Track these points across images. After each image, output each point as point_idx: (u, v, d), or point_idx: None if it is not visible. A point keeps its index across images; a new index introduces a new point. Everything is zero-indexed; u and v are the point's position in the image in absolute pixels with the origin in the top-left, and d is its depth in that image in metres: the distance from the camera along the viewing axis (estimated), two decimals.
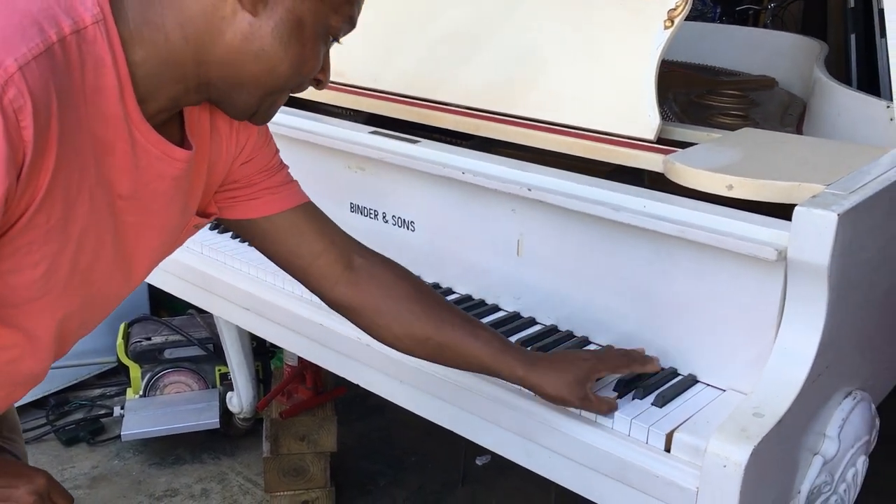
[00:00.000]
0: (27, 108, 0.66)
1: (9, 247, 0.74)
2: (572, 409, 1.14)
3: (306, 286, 1.12)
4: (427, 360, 1.15)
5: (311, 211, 1.09)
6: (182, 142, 0.89)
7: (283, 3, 0.81)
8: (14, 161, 0.67)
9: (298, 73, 0.87)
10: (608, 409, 1.11)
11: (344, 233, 1.12)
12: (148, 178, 0.85)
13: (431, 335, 1.10)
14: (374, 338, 1.12)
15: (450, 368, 1.24)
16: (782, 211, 1.08)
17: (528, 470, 1.21)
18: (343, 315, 1.12)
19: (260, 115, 0.90)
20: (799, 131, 1.70)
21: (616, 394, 1.14)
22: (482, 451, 2.24)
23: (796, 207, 1.01)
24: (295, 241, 1.07)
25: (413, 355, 1.14)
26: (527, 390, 1.13)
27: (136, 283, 0.95)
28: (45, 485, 0.89)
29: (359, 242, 1.14)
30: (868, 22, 2.85)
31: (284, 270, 1.10)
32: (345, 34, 0.90)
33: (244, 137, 1.01)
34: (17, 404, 1.37)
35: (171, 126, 0.88)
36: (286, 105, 1.59)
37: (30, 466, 0.93)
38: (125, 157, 0.81)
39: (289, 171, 1.11)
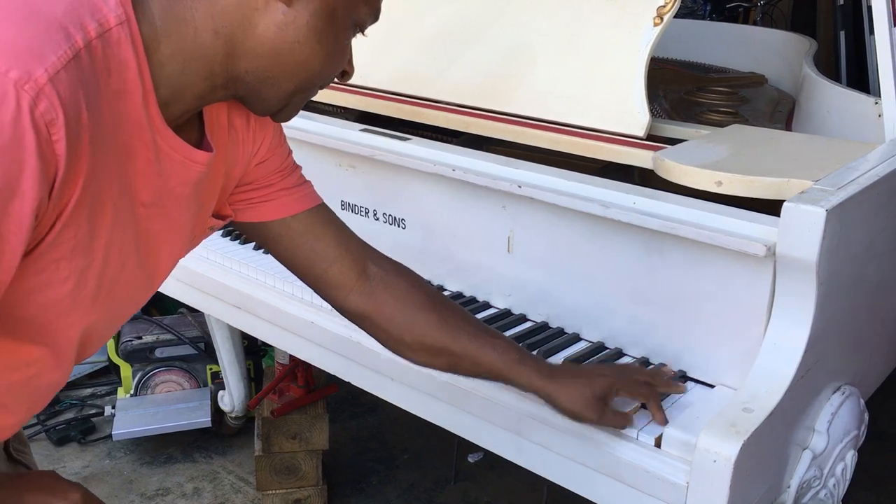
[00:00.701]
0: (59, 120, 0.63)
1: (37, 264, 0.70)
2: None
3: (321, 295, 1.07)
4: (443, 370, 1.10)
5: (325, 214, 1.06)
6: (200, 142, 0.86)
7: None
8: (46, 177, 0.64)
9: (331, 67, 0.85)
10: (623, 425, 1.08)
11: (359, 239, 1.09)
12: (171, 185, 0.82)
13: (447, 345, 1.06)
14: (389, 349, 1.08)
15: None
16: (771, 207, 1.08)
17: (520, 467, 1.22)
18: (357, 325, 1.09)
19: (287, 111, 0.88)
20: (788, 128, 1.70)
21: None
22: (474, 448, 2.24)
23: (785, 203, 1.02)
24: (309, 245, 1.03)
25: (429, 367, 1.10)
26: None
27: (156, 288, 0.92)
28: (81, 499, 0.85)
29: (373, 249, 1.10)
30: (857, 19, 2.87)
31: (300, 278, 1.06)
32: (369, 26, 0.88)
33: (260, 136, 0.97)
34: None
35: (191, 126, 0.85)
36: None
37: (64, 480, 0.89)
38: (148, 163, 0.77)
39: (302, 171, 1.08)
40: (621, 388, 1.08)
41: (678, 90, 1.83)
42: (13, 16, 0.63)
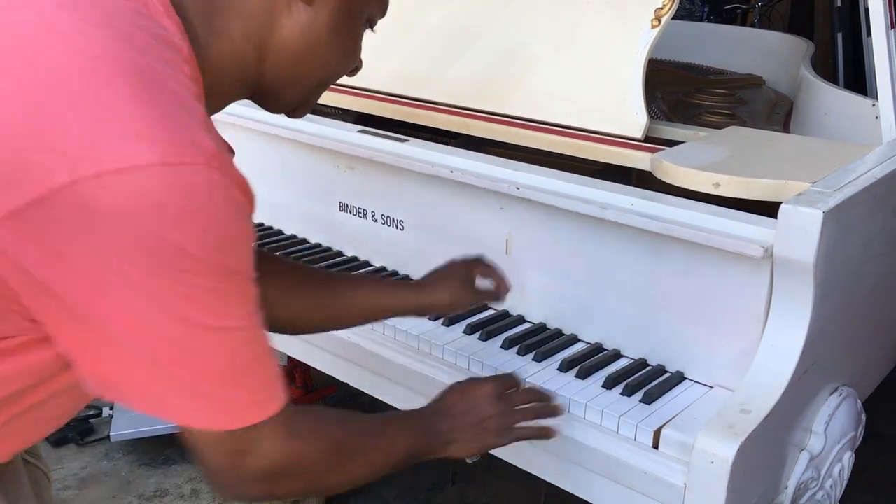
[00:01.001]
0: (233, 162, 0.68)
1: None
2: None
3: None
4: (323, 326, 1.14)
5: None
6: None
7: None
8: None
9: (347, 62, 0.87)
10: (495, 298, 1.19)
11: None
12: None
13: (322, 296, 1.08)
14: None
15: (434, 367, 1.25)
16: (768, 209, 1.09)
17: (517, 468, 1.22)
18: None
19: (304, 107, 0.90)
20: (786, 129, 1.71)
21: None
22: None
23: (782, 205, 1.02)
24: None
25: (308, 328, 1.13)
26: None
27: None
28: (493, 389, 1.01)
29: None
30: (854, 21, 2.88)
31: None
32: (379, 20, 0.90)
33: None
34: None
35: None
36: None
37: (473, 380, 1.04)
38: None
39: None
40: (477, 266, 1.19)
41: (676, 92, 1.83)
42: (143, 104, 0.63)
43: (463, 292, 1.16)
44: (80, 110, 0.61)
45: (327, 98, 1.71)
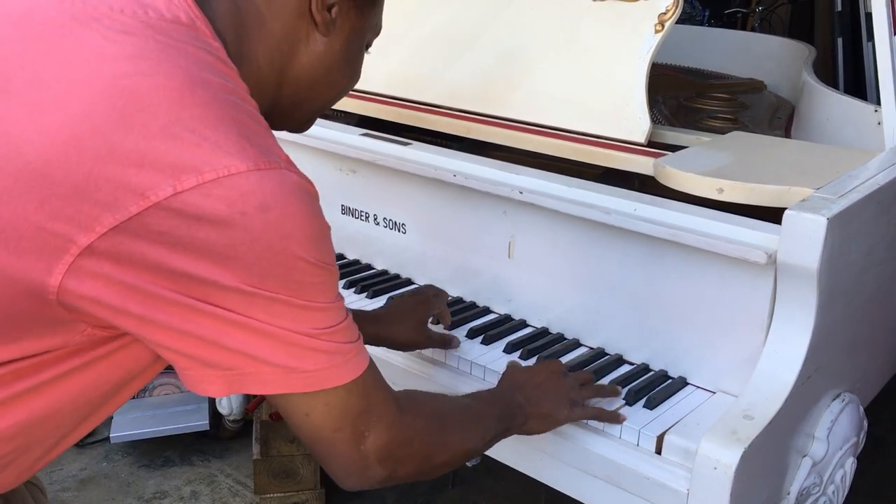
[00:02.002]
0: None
1: None
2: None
3: None
4: None
5: None
6: None
7: (346, 22, 0.87)
8: None
9: (352, 83, 0.95)
10: (448, 343, 1.27)
11: None
12: None
13: None
14: None
15: (435, 369, 1.26)
16: (771, 214, 1.09)
17: (518, 471, 1.22)
18: None
19: (308, 125, 0.97)
20: (787, 134, 1.71)
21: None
22: None
23: (786, 211, 1.02)
24: None
25: None
26: None
27: None
28: (561, 366, 1.12)
29: None
30: (855, 26, 2.88)
31: None
32: (373, 42, 0.97)
33: None
34: None
35: None
36: None
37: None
38: None
39: None
40: (430, 310, 1.27)
41: (677, 96, 1.83)
42: (226, 121, 0.70)
43: (416, 336, 1.25)
44: (172, 132, 0.67)
45: None
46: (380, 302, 1.43)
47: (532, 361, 1.24)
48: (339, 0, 0.85)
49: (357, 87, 1.68)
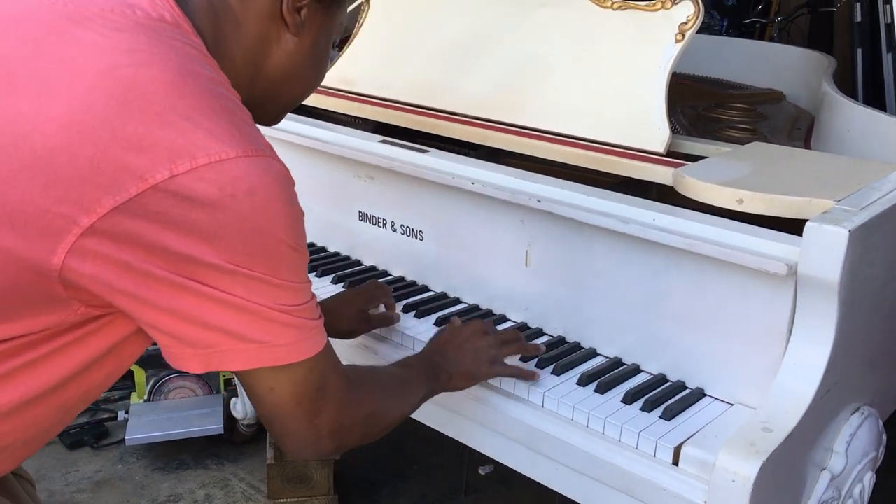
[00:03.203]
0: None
1: None
2: (579, 421, 1.14)
3: None
4: None
5: None
6: None
7: (314, 24, 0.93)
8: None
9: (319, 81, 1.01)
10: (389, 322, 1.37)
11: None
12: None
13: None
14: None
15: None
16: (788, 225, 1.08)
17: (530, 480, 1.21)
18: None
19: (279, 119, 1.02)
20: (807, 145, 1.70)
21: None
22: (485, 460, 2.24)
23: (808, 223, 1.01)
24: None
25: None
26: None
27: None
28: (482, 325, 1.21)
29: None
30: (874, 37, 2.86)
31: None
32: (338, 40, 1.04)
33: None
34: None
35: None
36: (293, 112, 1.62)
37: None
38: None
39: None
40: (370, 302, 1.36)
41: (696, 106, 1.83)
42: (216, 111, 0.76)
43: (356, 326, 1.35)
44: (168, 118, 0.73)
45: (347, 107, 1.72)
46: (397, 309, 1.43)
47: (549, 370, 1.24)
48: (307, 3, 0.91)
49: (375, 93, 1.71)
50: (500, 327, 1.37)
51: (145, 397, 2.50)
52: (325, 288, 1.52)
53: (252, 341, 0.78)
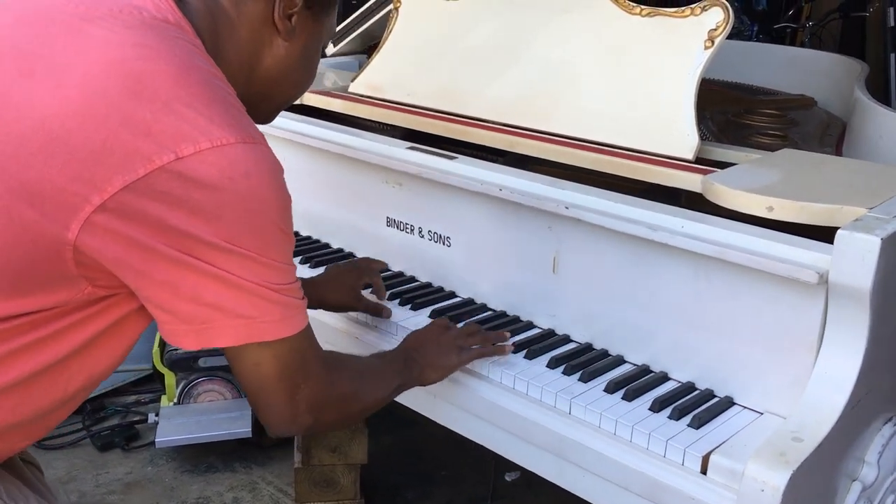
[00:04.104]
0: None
1: None
2: (606, 429, 1.14)
3: None
4: None
5: None
6: None
7: (305, 29, 1.01)
8: None
9: (309, 83, 1.09)
10: (381, 314, 1.41)
11: None
12: None
13: None
14: None
15: (478, 383, 1.27)
16: (818, 233, 1.07)
17: (557, 487, 1.21)
18: None
19: (273, 117, 1.10)
20: (838, 152, 1.68)
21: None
22: (511, 466, 2.23)
23: (839, 231, 1.01)
24: None
25: None
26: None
27: None
28: (445, 321, 1.31)
29: None
30: None
31: None
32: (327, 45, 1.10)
33: None
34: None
35: None
36: (322, 119, 1.64)
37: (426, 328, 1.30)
38: None
39: None
40: (361, 277, 1.43)
41: (725, 112, 1.82)
42: (216, 101, 0.84)
43: (348, 300, 1.41)
44: (173, 107, 0.80)
45: (374, 114, 1.73)
46: (423, 314, 1.44)
47: (576, 377, 1.24)
48: (298, 10, 0.98)
49: (404, 100, 1.72)
50: (524, 335, 1.38)
51: (175, 400, 2.53)
52: None
53: (242, 317, 0.85)
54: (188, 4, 0.92)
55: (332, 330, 1.46)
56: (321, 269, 1.59)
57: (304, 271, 1.62)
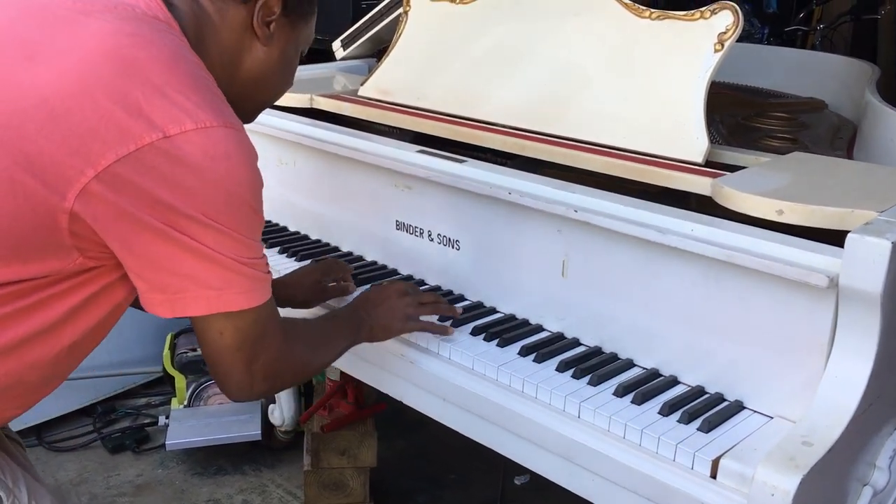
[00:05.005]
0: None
1: None
2: (615, 432, 1.13)
3: None
4: None
5: None
6: None
7: (283, 34, 1.08)
8: None
9: (288, 86, 1.17)
10: (347, 291, 1.48)
11: None
12: None
13: None
14: None
15: (487, 387, 1.27)
16: (829, 237, 1.07)
17: (566, 491, 1.21)
18: None
19: (253, 117, 1.16)
20: (849, 155, 1.67)
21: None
22: (520, 470, 2.23)
23: (849, 234, 1.00)
24: None
25: None
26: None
27: None
28: (402, 286, 1.36)
29: None
30: None
31: None
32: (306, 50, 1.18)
33: None
34: (65, 412, 1.78)
35: None
36: (332, 122, 1.65)
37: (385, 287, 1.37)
38: None
39: None
40: (327, 274, 1.49)
41: (735, 115, 1.81)
42: (201, 88, 0.92)
43: (314, 296, 1.47)
44: (164, 91, 0.88)
45: (384, 117, 1.73)
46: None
47: (585, 381, 1.24)
48: (276, 17, 1.06)
49: (413, 104, 1.72)
50: (536, 337, 1.38)
51: (185, 403, 2.54)
52: None
53: (213, 288, 0.92)
54: (176, 7, 1.00)
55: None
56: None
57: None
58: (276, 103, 1.85)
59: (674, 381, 1.24)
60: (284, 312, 1.19)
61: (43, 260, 0.91)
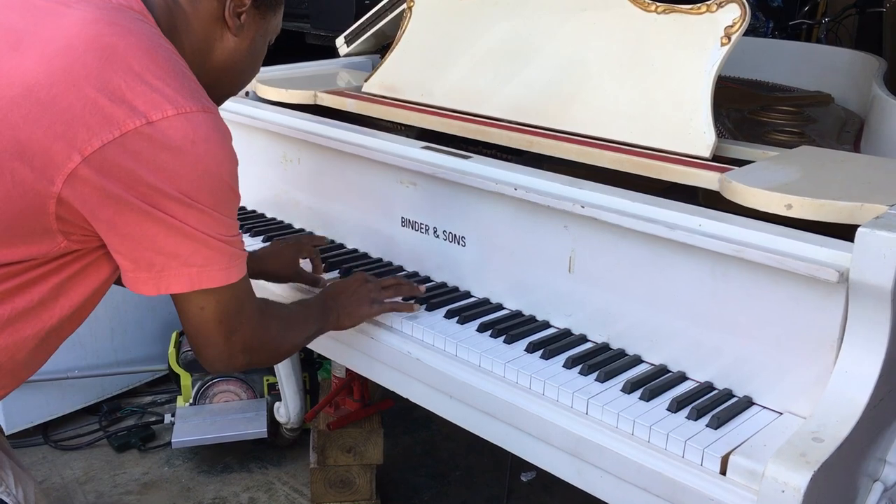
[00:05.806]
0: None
1: None
2: (624, 429, 1.13)
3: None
4: None
5: None
6: None
7: (253, 25, 1.14)
8: None
9: (255, 74, 1.23)
10: (316, 280, 1.53)
11: None
12: None
13: None
14: None
15: (494, 384, 1.26)
16: (838, 231, 1.06)
17: (573, 487, 1.20)
18: None
19: (221, 102, 1.19)
20: (856, 149, 1.67)
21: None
22: (527, 466, 2.23)
23: (859, 228, 0.99)
24: None
25: None
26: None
27: None
28: (364, 274, 1.43)
29: None
30: None
31: None
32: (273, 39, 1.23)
33: None
34: (71, 410, 1.73)
35: None
36: (336, 119, 1.65)
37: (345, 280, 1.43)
38: None
39: None
40: (301, 251, 1.54)
41: (741, 109, 1.80)
42: (179, 75, 0.97)
43: (287, 272, 1.52)
44: (144, 78, 0.93)
45: (390, 113, 1.73)
46: (439, 314, 1.43)
47: (593, 377, 1.23)
48: (246, 8, 1.11)
49: (418, 100, 1.72)
50: (543, 333, 1.37)
51: (191, 401, 2.54)
52: None
53: (194, 265, 0.98)
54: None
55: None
56: (336, 271, 1.60)
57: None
58: (281, 100, 1.87)
59: (682, 378, 1.24)
60: (257, 287, 1.25)
61: (28, 244, 0.96)
